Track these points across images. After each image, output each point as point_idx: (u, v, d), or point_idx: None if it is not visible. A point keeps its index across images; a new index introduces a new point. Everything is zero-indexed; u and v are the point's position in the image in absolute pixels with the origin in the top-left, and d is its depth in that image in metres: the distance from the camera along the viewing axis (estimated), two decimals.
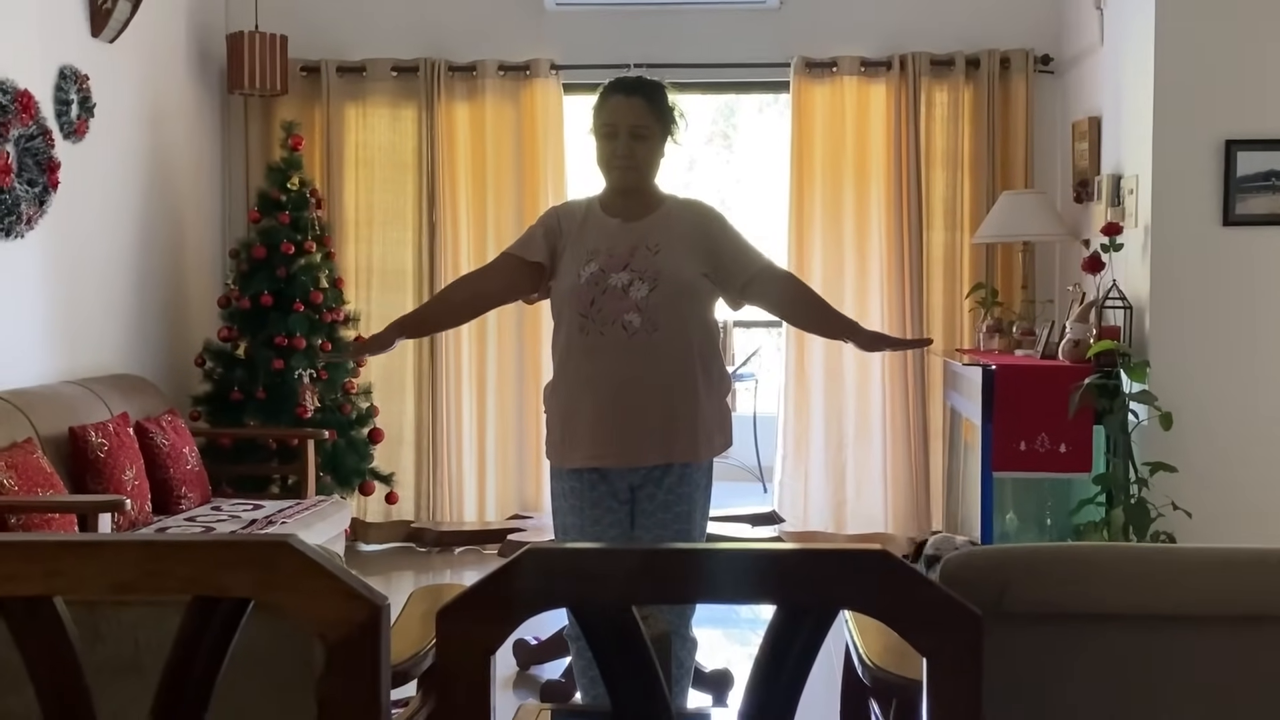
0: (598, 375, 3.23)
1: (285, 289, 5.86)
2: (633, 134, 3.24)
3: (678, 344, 3.23)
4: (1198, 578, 1.94)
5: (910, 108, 6.26)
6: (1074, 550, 2.08)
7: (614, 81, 3.36)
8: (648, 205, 3.32)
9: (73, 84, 5.12)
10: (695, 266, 3.27)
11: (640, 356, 3.19)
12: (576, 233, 3.31)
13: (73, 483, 4.47)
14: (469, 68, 6.45)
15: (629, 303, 3.19)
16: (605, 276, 3.21)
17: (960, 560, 1.99)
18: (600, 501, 3.29)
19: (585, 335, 3.22)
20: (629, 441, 3.22)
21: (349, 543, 5.87)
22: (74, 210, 5.13)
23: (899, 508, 6.34)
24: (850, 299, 6.37)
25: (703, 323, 3.31)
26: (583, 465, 3.26)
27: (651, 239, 3.25)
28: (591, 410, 3.23)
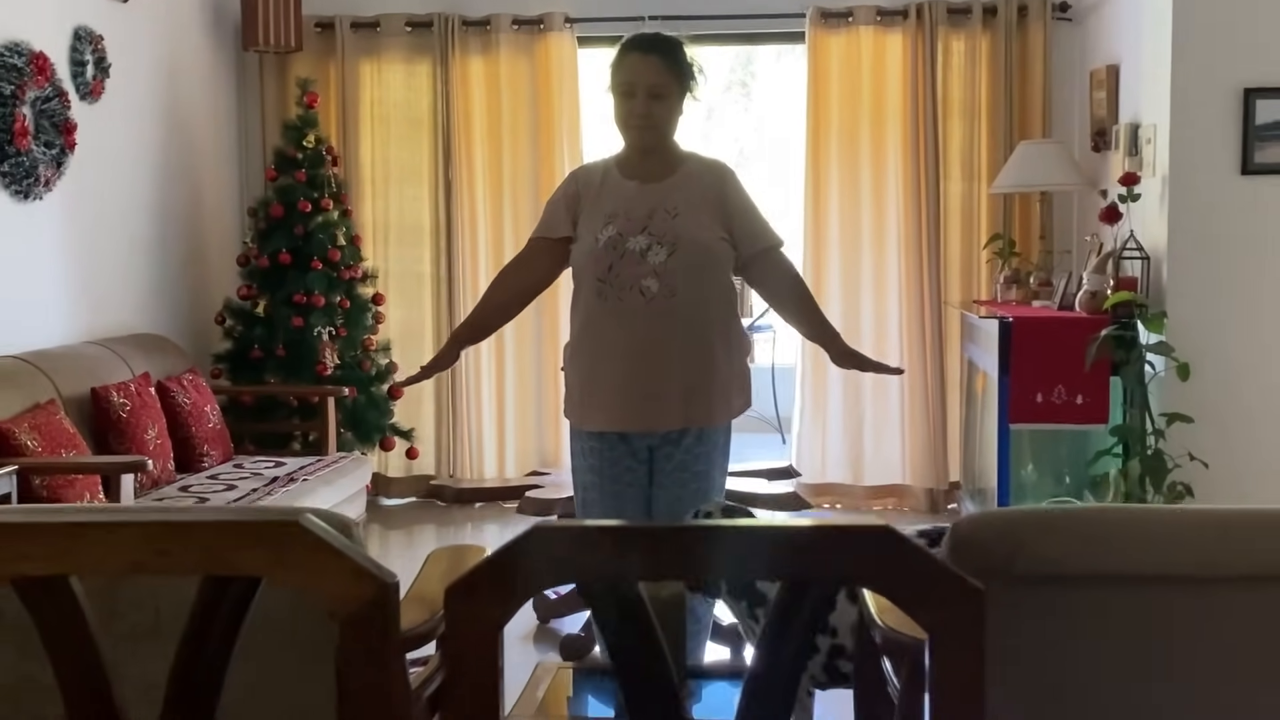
0: (617, 340, 3.23)
1: (303, 247, 5.89)
2: (650, 93, 3.22)
3: (696, 308, 3.22)
4: (1209, 538, 1.95)
5: (927, 57, 6.21)
6: (1085, 512, 2.10)
7: (631, 39, 3.33)
8: (667, 166, 3.30)
9: (88, 45, 5.13)
10: (714, 230, 3.26)
11: (659, 322, 3.20)
12: (595, 196, 3.30)
13: (95, 443, 4.52)
14: (483, 22, 6.42)
15: (647, 267, 3.18)
16: (623, 240, 3.20)
17: (973, 522, 2.01)
18: (619, 461, 3.31)
19: (604, 300, 3.23)
20: (649, 407, 3.24)
21: (370, 497, 5.92)
22: (91, 171, 5.16)
23: (916, 459, 6.35)
24: (867, 251, 6.36)
25: (721, 286, 3.30)
26: (603, 429, 3.28)
27: (670, 202, 3.24)
28: (611, 375, 3.25)
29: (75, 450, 4.25)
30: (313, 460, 5.33)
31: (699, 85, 3.34)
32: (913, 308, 6.30)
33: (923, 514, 6.29)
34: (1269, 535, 1.96)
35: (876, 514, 6.35)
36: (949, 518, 6.15)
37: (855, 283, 6.39)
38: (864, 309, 6.39)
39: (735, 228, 3.29)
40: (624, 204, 3.25)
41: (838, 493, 6.47)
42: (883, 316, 6.37)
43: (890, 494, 6.43)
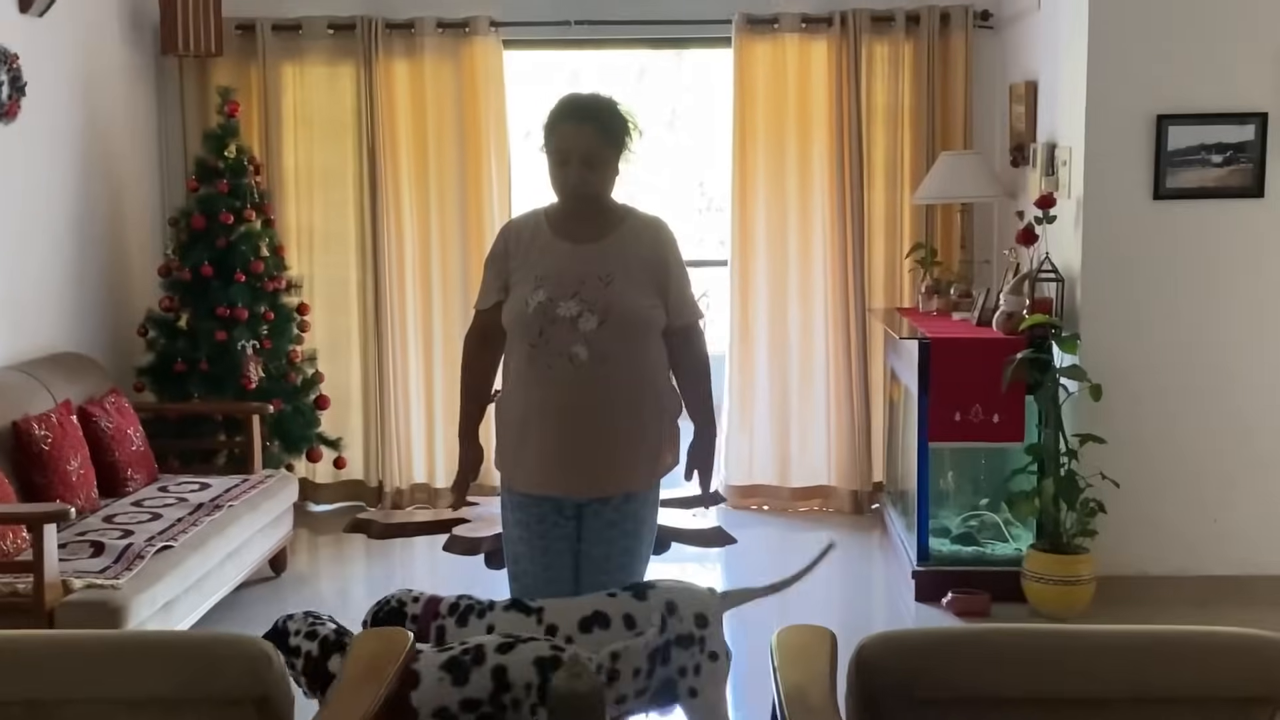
0: (546, 407, 3.25)
1: (226, 258, 5.84)
2: (584, 162, 3.21)
3: (626, 375, 3.24)
4: (1102, 661, 2.04)
5: (851, 64, 6.25)
6: (982, 634, 2.17)
7: (565, 105, 3.30)
8: (602, 226, 3.30)
9: (3, 65, 5.03)
10: (648, 296, 3.26)
11: (588, 389, 3.21)
12: (525, 253, 3.30)
13: (18, 478, 4.48)
14: (407, 25, 6.37)
15: (577, 334, 3.19)
16: (553, 306, 3.20)
17: (875, 646, 2.09)
18: (546, 518, 3.34)
19: (534, 365, 3.24)
20: (576, 473, 3.28)
21: (298, 503, 5.91)
22: (9, 192, 5.08)
23: (841, 461, 6.46)
24: (794, 256, 6.43)
25: (652, 351, 3.31)
26: (530, 490, 3.32)
27: (604, 266, 3.23)
28: (539, 440, 3.28)
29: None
30: (238, 481, 5.31)
31: (635, 141, 3.33)
32: (838, 313, 6.38)
33: (847, 515, 6.41)
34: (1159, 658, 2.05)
35: (803, 516, 6.45)
36: (873, 519, 6.29)
37: (782, 288, 6.45)
38: (791, 314, 6.46)
39: (669, 298, 3.30)
40: (555, 266, 3.24)
41: (764, 494, 6.57)
42: (809, 321, 6.44)
43: (816, 495, 6.54)
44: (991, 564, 5.22)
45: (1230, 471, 5.04)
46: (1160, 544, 5.05)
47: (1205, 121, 4.90)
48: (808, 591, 5.54)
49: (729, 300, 6.56)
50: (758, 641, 4.36)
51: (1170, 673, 2.02)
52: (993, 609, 4.96)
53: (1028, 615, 4.90)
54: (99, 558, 4.21)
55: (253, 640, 2.11)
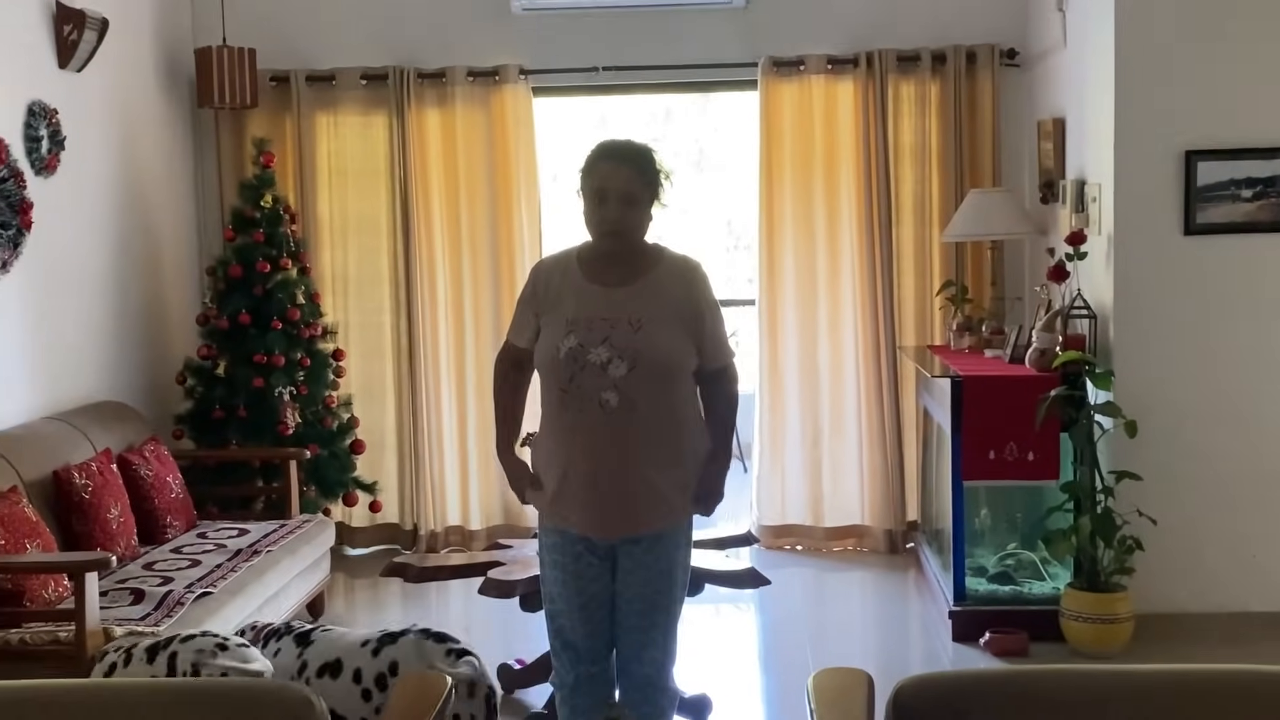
0: (578, 451, 3.28)
1: (263, 306, 5.91)
2: (623, 199, 3.25)
3: (656, 420, 3.26)
4: (1144, 700, 2.03)
5: (877, 104, 6.29)
6: (1021, 675, 2.17)
7: (603, 147, 3.35)
8: (634, 269, 3.32)
9: (42, 120, 5.13)
10: (679, 340, 3.28)
11: (619, 434, 3.24)
12: (555, 297, 3.33)
13: (59, 527, 4.54)
14: (438, 74, 6.46)
15: (607, 380, 3.21)
16: (584, 352, 3.22)
17: (913, 688, 2.09)
18: (581, 557, 3.37)
19: (565, 410, 3.27)
20: (608, 516, 3.31)
21: (335, 547, 5.95)
22: (49, 246, 5.16)
23: (875, 500, 6.45)
24: (823, 295, 6.45)
25: (682, 394, 3.34)
26: (565, 529, 3.36)
27: (634, 311, 3.25)
28: (572, 483, 3.31)
29: (39, 539, 4.27)
30: (275, 526, 5.36)
31: (667, 190, 3.37)
32: (868, 351, 6.39)
33: (882, 554, 6.39)
34: (1201, 697, 2.04)
35: (837, 556, 6.44)
36: (908, 558, 6.27)
37: (811, 326, 6.47)
38: (820, 352, 6.47)
39: (702, 341, 3.32)
40: (586, 310, 3.27)
41: (798, 534, 6.56)
42: (839, 360, 6.45)
43: (850, 535, 6.52)
44: (1029, 603, 5.20)
45: (1269, 506, 5.01)
46: (1199, 581, 5.02)
47: (1234, 156, 4.91)
48: (844, 633, 5.57)
49: (757, 339, 6.58)
50: (794, 684, 4.37)
51: (1213, 712, 2.02)
52: (1031, 648, 4.93)
53: (1067, 654, 4.87)
54: (139, 605, 4.26)
55: (294, 688, 2.14)
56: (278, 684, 2.16)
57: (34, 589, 4.12)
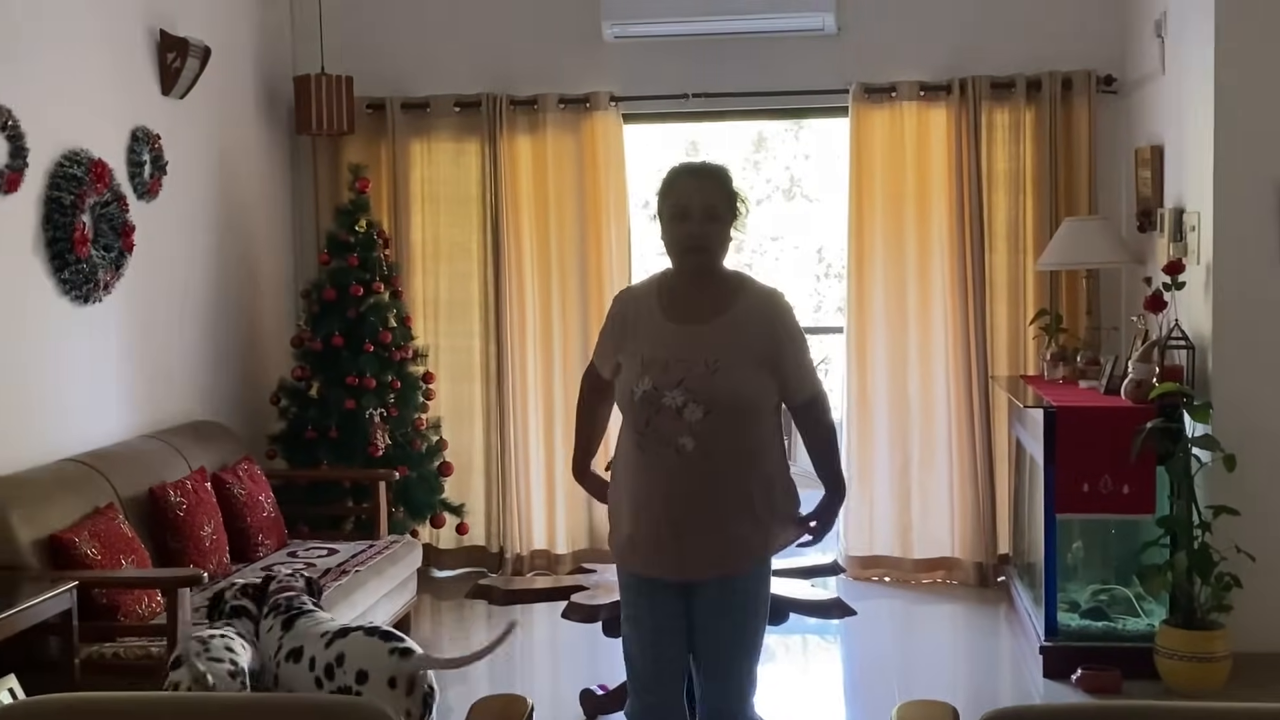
0: (653, 494, 3.23)
1: (355, 329, 6.00)
2: (706, 214, 3.21)
3: (733, 463, 3.20)
4: None
5: (971, 131, 6.23)
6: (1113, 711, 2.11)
7: (682, 166, 3.33)
8: (714, 304, 3.24)
9: (145, 145, 5.27)
10: (757, 379, 3.20)
11: (695, 478, 3.18)
12: (633, 332, 3.28)
13: (154, 543, 4.63)
14: (530, 101, 6.52)
15: (682, 424, 3.15)
16: (659, 395, 3.16)
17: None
18: (655, 596, 3.31)
19: (641, 453, 3.22)
20: (683, 559, 3.24)
21: (421, 568, 6.00)
22: (150, 268, 5.29)
23: (966, 532, 6.35)
24: (913, 323, 6.39)
25: (761, 437, 3.25)
26: (636, 572, 3.32)
27: (711, 353, 3.17)
28: (645, 524, 3.26)
29: (134, 555, 4.36)
30: (364, 546, 5.42)
31: (744, 215, 3.34)
32: (960, 380, 6.31)
33: (972, 587, 6.29)
34: None
35: (926, 588, 6.35)
36: (999, 592, 6.16)
37: (901, 355, 6.41)
38: (911, 381, 6.41)
39: (785, 375, 3.25)
40: (662, 351, 3.20)
41: (886, 565, 6.48)
42: (929, 389, 6.38)
43: (939, 567, 6.43)
44: (1122, 640, 5.08)
45: None
46: None
47: None
48: (931, 666, 5.49)
49: (846, 367, 6.53)
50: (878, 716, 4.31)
51: None
52: (1124, 686, 4.81)
53: (1161, 693, 4.75)
54: None
55: (374, 706, 2.15)
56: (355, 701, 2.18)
57: (128, 604, 4.21)
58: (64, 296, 4.75)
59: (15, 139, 4.42)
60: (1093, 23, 6.23)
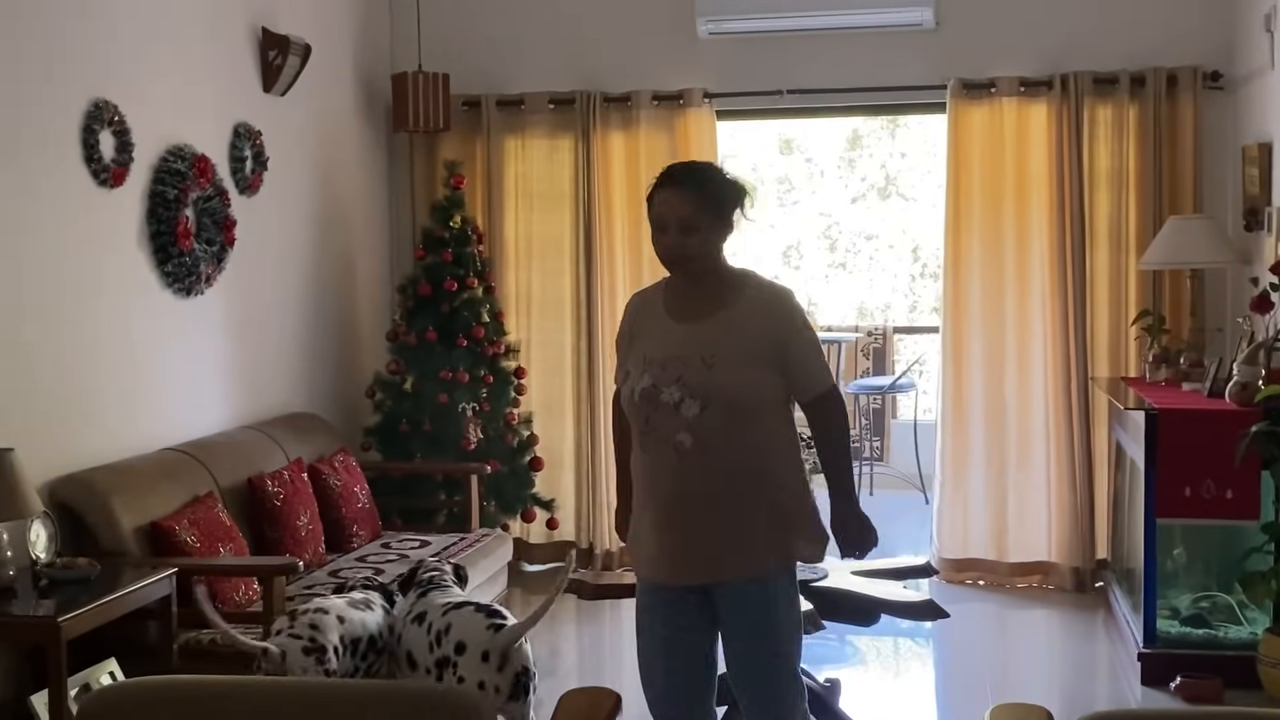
0: (654, 493, 3.19)
1: (449, 324, 6.06)
2: (681, 227, 3.12)
3: (731, 462, 3.11)
4: None
5: (1072, 128, 6.11)
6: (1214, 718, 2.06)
7: (663, 174, 3.24)
8: (714, 301, 3.17)
9: (247, 141, 5.36)
10: (756, 375, 3.12)
11: (693, 477, 3.12)
12: (639, 333, 3.24)
13: (251, 532, 4.72)
14: (624, 98, 6.53)
15: (680, 421, 3.09)
16: (657, 392, 3.11)
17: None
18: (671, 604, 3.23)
19: (645, 453, 3.18)
20: (687, 561, 3.18)
21: (512, 562, 6.05)
22: (250, 262, 5.39)
23: (1062, 536, 6.23)
24: (1011, 323, 6.29)
25: (764, 433, 3.16)
26: (643, 575, 3.28)
27: (708, 348, 3.11)
28: (649, 524, 3.21)
29: (232, 543, 4.44)
30: (456, 539, 5.47)
31: (746, 205, 3.22)
32: (1058, 381, 6.19)
33: (1068, 592, 6.17)
34: None
35: (1021, 593, 6.25)
36: (1096, 597, 6.04)
37: (998, 355, 6.31)
38: (1007, 382, 6.30)
39: (789, 372, 3.16)
40: (661, 348, 3.15)
41: (980, 568, 6.38)
42: (1027, 390, 6.28)
43: (1034, 571, 6.32)
44: (1224, 648, 4.95)
45: None
46: None
47: None
48: (1025, 671, 5.40)
49: (940, 368, 6.45)
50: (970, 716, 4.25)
51: None
52: (1225, 696, 4.69)
53: (1264, 703, 4.61)
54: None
55: (462, 693, 2.17)
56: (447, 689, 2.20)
57: (225, 591, 4.29)
58: (167, 289, 4.85)
59: (121, 134, 4.52)
60: (1198, 17, 6.09)
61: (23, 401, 4.09)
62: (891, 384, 8.72)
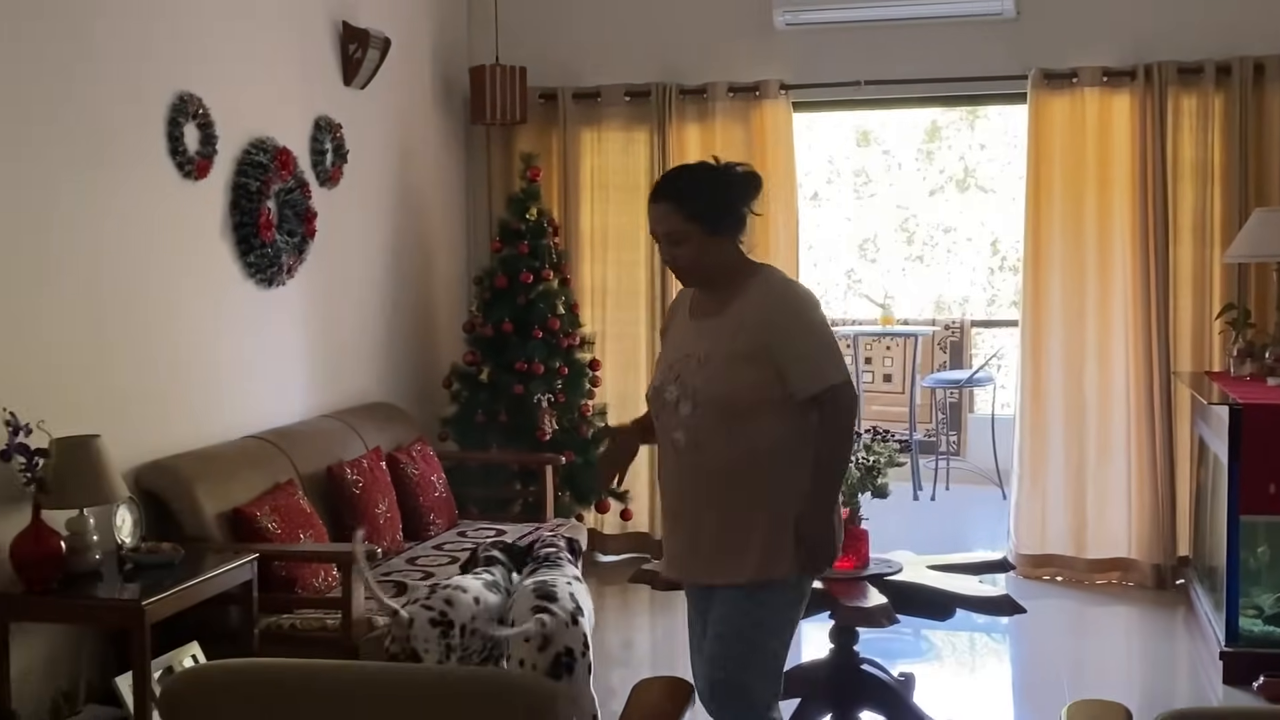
0: (663, 492, 3.25)
1: (525, 315, 6.10)
2: (669, 240, 3.12)
3: (720, 463, 3.06)
4: None
5: (1156, 118, 6.01)
6: None
7: (653, 186, 3.24)
8: (723, 300, 3.13)
9: (327, 134, 5.44)
10: (745, 374, 3.04)
11: (687, 476, 3.13)
12: (670, 329, 3.30)
13: (330, 519, 4.78)
14: (700, 90, 6.53)
15: (678, 419, 3.09)
16: (663, 391, 3.13)
17: None
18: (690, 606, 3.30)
19: (659, 450, 3.22)
20: (683, 560, 3.20)
21: (586, 553, 6.08)
22: (330, 253, 5.46)
23: (1143, 532, 6.14)
24: (1091, 317, 6.20)
25: (766, 430, 3.06)
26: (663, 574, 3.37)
27: (704, 346, 3.09)
28: (664, 525, 3.30)
29: (311, 530, 4.51)
30: (531, 529, 5.50)
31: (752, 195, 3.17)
32: (1140, 376, 6.10)
33: (1149, 590, 6.08)
34: None
35: (1100, 589, 6.16)
36: (1177, 595, 5.94)
37: (1078, 349, 6.23)
38: (1087, 376, 6.22)
39: (787, 369, 3.05)
40: (677, 347, 3.18)
41: (1059, 564, 6.30)
42: (1107, 384, 6.18)
43: (1114, 568, 6.23)
44: None
45: None
46: None
47: None
48: (1103, 668, 5.33)
49: (1019, 361, 6.38)
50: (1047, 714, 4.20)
51: None
52: None
53: None
54: (401, 597, 4.44)
55: (540, 681, 2.18)
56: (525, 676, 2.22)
57: (305, 577, 4.35)
58: (249, 280, 4.94)
59: (205, 127, 4.61)
60: None
61: (110, 389, 4.18)
62: (969, 378, 8.63)
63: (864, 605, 4.01)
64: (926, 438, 8.91)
